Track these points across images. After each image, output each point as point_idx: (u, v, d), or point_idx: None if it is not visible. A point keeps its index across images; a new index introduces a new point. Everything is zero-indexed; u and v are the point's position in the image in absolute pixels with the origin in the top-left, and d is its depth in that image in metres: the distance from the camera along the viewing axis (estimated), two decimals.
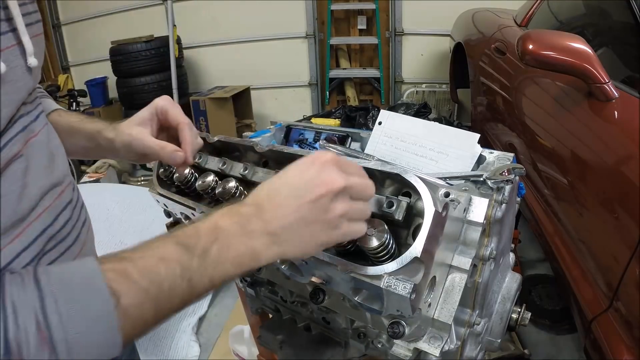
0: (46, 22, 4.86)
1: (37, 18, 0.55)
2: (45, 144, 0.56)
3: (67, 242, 0.58)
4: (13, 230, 0.48)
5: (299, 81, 4.81)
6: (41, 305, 0.39)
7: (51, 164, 0.57)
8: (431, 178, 0.60)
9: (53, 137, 0.61)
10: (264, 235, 0.50)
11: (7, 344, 0.36)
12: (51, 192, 0.56)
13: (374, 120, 3.45)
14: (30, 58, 0.51)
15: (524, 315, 0.83)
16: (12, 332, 0.37)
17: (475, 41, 3.03)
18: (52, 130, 0.61)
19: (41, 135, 0.56)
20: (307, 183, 0.52)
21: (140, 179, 3.80)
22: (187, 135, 0.75)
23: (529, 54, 1.57)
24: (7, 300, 0.38)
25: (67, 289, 0.41)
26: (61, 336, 0.38)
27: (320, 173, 0.52)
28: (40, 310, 0.39)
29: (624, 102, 1.44)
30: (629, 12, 1.61)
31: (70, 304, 0.40)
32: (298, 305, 0.83)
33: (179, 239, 0.48)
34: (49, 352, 0.38)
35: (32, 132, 0.54)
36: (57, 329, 0.38)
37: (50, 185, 0.56)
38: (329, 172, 0.52)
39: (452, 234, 0.62)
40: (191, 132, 0.76)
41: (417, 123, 0.85)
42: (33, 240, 0.51)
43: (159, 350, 2.04)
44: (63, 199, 0.58)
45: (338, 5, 4.46)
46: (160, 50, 4.09)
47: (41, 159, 0.55)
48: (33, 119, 0.55)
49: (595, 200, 1.44)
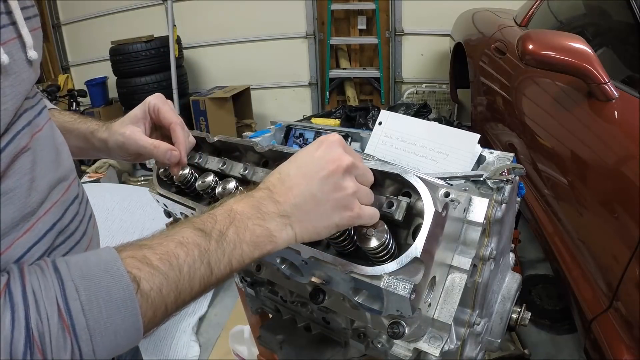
0: (46, 22, 4.86)
1: (34, 12, 0.55)
2: (50, 139, 0.56)
3: (76, 237, 0.58)
4: (23, 224, 0.48)
5: (299, 81, 4.81)
6: (62, 294, 0.39)
7: (57, 159, 0.57)
8: (431, 178, 0.60)
9: (56, 132, 0.60)
10: (278, 217, 0.51)
11: (29, 332, 0.37)
12: (59, 186, 0.56)
13: (374, 120, 3.45)
14: (30, 51, 0.50)
15: (524, 315, 0.83)
16: (33, 320, 0.37)
17: (475, 41, 3.03)
18: (55, 126, 0.61)
19: (46, 130, 0.56)
20: (316, 162, 0.53)
21: (140, 179, 3.80)
22: (179, 135, 0.76)
23: (529, 54, 1.57)
24: (28, 290, 0.38)
25: (87, 276, 0.41)
26: (83, 323, 0.39)
27: (328, 151, 0.54)
28: (62, 298, 0.39)
29: (624, 102, 1.44)
30: (629, 12, 1.61)
31: (91, 291, 0.40)
32: (298, 305, 0.83)
33: (196, 224, 0.49)
34: (71, 340, 0.38)
35: (37, 126, 0.54)
36: (78, 317, 0.39)
37: (58, 179, 0.56)
38: (337, 150, 0.54)
39: (452, 234, 0.62)
40: (183, 131, 0.77)
41: (417, 123, 0.85)
42: (43, 235, 0.51)
43: (158, 350, 2.04)
44: (70, 193, 0.58)
45: (338, 5, 4.46)
46: (160, 50, 4.10)
47: (48, 153, 0.55)
48: (37, 114, 0.55)
49: (595, 200, 1.44)
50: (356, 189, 0.53)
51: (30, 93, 0.55)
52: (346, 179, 0.53)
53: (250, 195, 0.53)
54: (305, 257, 0.60)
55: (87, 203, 0.65)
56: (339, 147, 0.54)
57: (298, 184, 0.53)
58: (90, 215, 0.65)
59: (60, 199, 0.55)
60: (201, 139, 0.85)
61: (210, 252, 0.47)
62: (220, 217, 0.50)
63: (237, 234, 0.49)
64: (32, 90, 0.55)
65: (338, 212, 0.53)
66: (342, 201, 0.52)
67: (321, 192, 0.52)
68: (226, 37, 4.69)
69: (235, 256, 0.49)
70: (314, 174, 0.52)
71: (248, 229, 0.50)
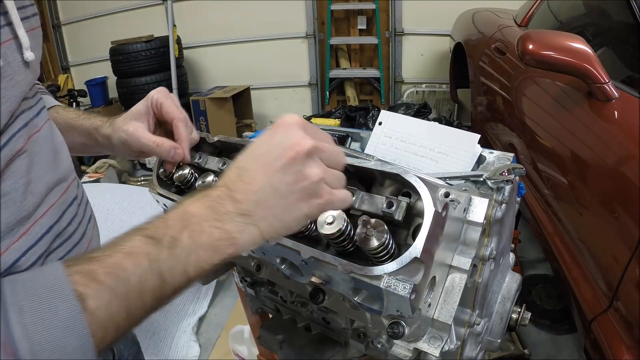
0: (46, 22, 4.86)
1: (33, 11, 0.54)
2: (48, 140, 0.56)
3: (74, 240, 0.57)
4: (18, 228, 0.48)
5: (299, 81, 4.81)
6: (4, 318, 0.37)
7: (55, 160, 0.56)
8: (431, 178, 0.60)
9: (56, 132, 0.60)
10: (237, 217, 0.47)
11: None
12: (56, 188, 0.55)
13: (374, 120, 3.45)
14: (26, 52, 0.50)
15: (524, 315, 0.83)
16: None
17: (475, 41, 3.03)
18: (54, 126, 0.60)
19: (44, 131, 0.55)
20: (274, 150, 0.48)
21: (140, 179, 3.80)
22: (181, 132, 0.73)
23: (529, 54, 1.57)
24: None
25: (32, 297, 0.39)
26: (26, 348, 0.36)
27: (286, 136, 0.48)
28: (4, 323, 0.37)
29: (624, 102, 1.44)
30: (629, 12, 1.61)
31: (35, 313, 0.38)
32: (298, 305, 0.83)
33: (146, 231, 0.45)
34: None
35: (35, 127, 0.53)
36: (21, 342, 0.36)
37: (55, 181, 0.55)
38: (296, 133, 0.48)
39: (452, 234, 0.62)
40: (186, 128, 0.74)
41: (417, 123, 0.85)
42: (39, 239, 0.50)
43: (159, 350, 2.04)
44: (68, 195, 0.58)
45: (338, 5, 4.46)
46: (160, 50, 4.09)
47: (45, 154, 0.54)
48: (35, 114, 0.54)
49: (595, 200, 1.44)
50: (322, 174, 0.48)
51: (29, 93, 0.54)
52: (309, 165, 0.48)
53: (207, 195, 0.48)
54: (305, 257, 0.60)
55: (87, 204, 0.64)
56: (298, 129, 0.49)
57: (257, 178, 0.48)
58: (90, 216, 0.64)
59: (57, 201, 0.55)
60: (201, 139, 0.85)
61: (161, 261, 0.43)
62: (172, 221, 0.46)
63: (192, 238, 0.45)
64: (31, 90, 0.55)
65: (305, 202, 0.48)
66: (307, 190, 0.48)
67: (283, 183, 0.47)
68: (226, 37, 4.69)
69: (192, 263, 0.45)
70: (272, 164, 0.47)
71: (204, 232, 0.46)
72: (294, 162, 0.47)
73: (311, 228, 0.62)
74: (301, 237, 0.62)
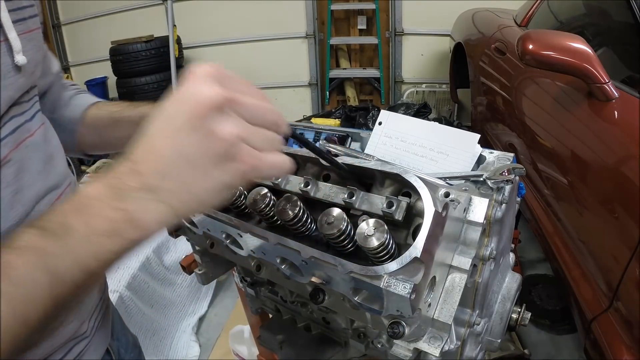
0: (46, 22, 4.86)
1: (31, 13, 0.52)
2: (41, 145, 0.54)
3: None
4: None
5: (299, 81, 4.81)
6: None
7: (48, 166, 0.54)
8: (431, 178, 0.60)
9: (51, 136, 0.58)
10: (141, 192, 0.39)
11: None
12: (48, 196, 0.53)
13: (374, 120, 3.45)
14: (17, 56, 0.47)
15: (524, 315, 0.83)
16: None
17: (475, 41, 3.03)
18: (51, 130, 0.59)
19: (37, 136, 0.53)
20: (179, 107, 0.40)
21: None
22: None
23: (529, 54, 1.57)
24: None
25: None
26: None
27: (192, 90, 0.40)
28: None
29: (624, 102, 1.44)
30: (629, 12, 1.61)
31: None
32: (298, 305, 0.83)
33: (38, 221, 0.39)
34: None
35: (28, 132, 0.51)
36: None
37: (47, 188, 0.53)
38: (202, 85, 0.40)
39: (452, 234, 0.62)
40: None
41: (417, 123, 0.85)
42: None
43: (159, 350, 2.04)
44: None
45: (338, 5, 4.46)
46: (160, 50, 4.10)
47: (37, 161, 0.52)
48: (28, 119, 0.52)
49: (595, 200, 1.44)
50: (240, 132, 0.40)
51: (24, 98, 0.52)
52: (219, 121, 0.39)
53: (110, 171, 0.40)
54: (306, 257, 0.60)
55: None
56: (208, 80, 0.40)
57: (161, 144, 0.39)
58: None
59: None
60: None
61: (49, 254, 0.37)
62: (67, 205, 0.39)
63: (88, 224, 0.38)
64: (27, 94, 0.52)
65: (221, 167, 0.39)
66: (221, 153, 0.39)
67: (190, 147, 0.39)
68: (226, 37, 4.69)
69: (90, 253, 0.38)
70: (177, 124, 0.39)
71: (101, 215, 0.38)
72: (202, 120, 0.38)
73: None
74: (301, 237, 0.62)
